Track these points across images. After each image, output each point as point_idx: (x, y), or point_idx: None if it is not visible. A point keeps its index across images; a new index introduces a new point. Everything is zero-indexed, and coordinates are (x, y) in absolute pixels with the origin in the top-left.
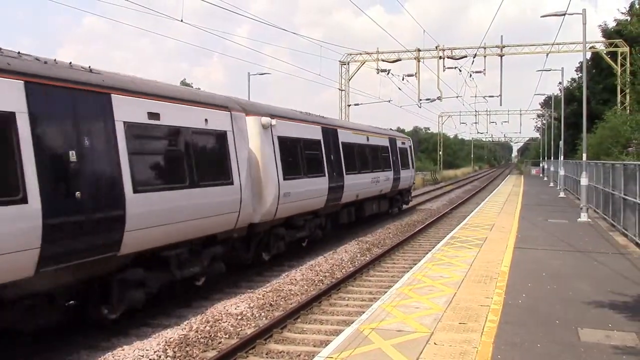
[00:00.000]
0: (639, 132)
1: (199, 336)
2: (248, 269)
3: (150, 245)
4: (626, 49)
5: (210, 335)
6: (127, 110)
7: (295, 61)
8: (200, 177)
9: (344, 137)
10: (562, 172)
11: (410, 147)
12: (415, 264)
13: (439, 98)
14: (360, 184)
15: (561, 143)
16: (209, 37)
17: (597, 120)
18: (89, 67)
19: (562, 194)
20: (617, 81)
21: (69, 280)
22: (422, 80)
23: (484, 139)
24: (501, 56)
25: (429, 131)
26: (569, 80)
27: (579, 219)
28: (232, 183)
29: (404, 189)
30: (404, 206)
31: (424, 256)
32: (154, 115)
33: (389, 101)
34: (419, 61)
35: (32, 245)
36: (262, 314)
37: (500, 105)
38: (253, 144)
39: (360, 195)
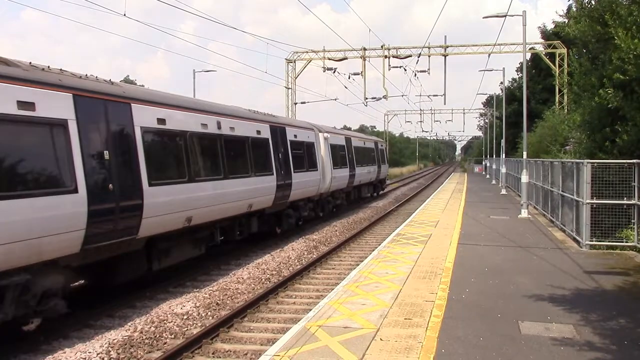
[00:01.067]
0: (576, 130)
1: (144, 337)
2: (192, 269)
3: (296, 198)
4: (564, 50)
5: (155, 336)
6: (290, 134)
7: (241, 59)
8: (309, 165)
9: (354, 142)
10: (503, 170)
11: (385, 148)
12: (362, 261)
13: (385, 97)
14: (361, 174)
15: (502, 141)
16: (153, 33)
17: (537, 119)
18: (253, 109)
19: (503, 191)
20: (555, 81)
21: (276, 211)
22: (368, 79)
23: (428, 138)
24: (445, 56)
25: (375, 129)
26: (510, 80)
27: (520, 215)
28: (317, 170)
29: (382, 178)
30: (381, 191)
31: (370, 253)
32: (296, 136)
33: (336, 99)
34: (364, 60)
35: (273, 192)
36: (209, 313)
37: (445, 104)
38: (320, 149)
39: (361, 181)
